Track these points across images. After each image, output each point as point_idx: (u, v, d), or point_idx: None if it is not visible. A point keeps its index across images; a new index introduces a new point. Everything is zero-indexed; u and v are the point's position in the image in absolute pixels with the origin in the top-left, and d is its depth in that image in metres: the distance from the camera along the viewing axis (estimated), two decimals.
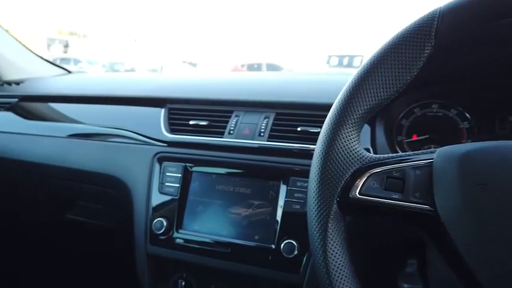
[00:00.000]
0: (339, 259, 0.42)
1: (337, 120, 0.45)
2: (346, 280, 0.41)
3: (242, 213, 0.74)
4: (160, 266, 0.80)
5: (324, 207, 0.43)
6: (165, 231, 0.77)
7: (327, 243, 0.42)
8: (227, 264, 0.72)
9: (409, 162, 0.43)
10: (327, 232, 0.43)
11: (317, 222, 0.43)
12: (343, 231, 0.44)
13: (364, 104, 0.45)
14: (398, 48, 0.45)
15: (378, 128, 0.73)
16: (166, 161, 0.82)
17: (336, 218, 0.43)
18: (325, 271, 0.42)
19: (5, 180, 1.01)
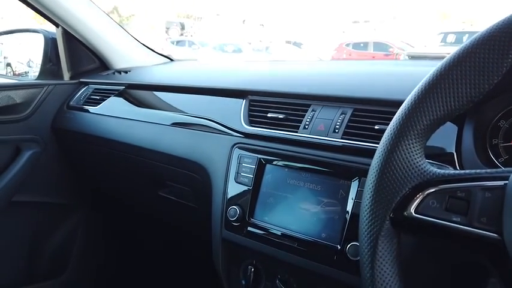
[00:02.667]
0: (386, 278, 0.40)
1: (398, 130, 0.42)
2: None
3: (311, 210, 0.74)
4: (233, 251, 0.84)
5: (375, 222, 0.41)
6: (238, 218, 0.81)
7: (375, 260, 0.41)
8: (292, 257, 0.74)
9: (479, 182, 0.39)
10: (377, 248, 0.41)
11: (367, 237, 0.42)
12: (395, 248, 0.41)
13: (431, 113, 0.41)
14: (476, 53, 0.40)
15: (467, 129, 0.66)
16: (243, 152, 0.85)
17: (387, 234, 0.41)
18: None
19: (110, 159, 1.17)
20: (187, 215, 1.11)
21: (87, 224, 1.40)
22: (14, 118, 1.19)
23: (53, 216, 1.34)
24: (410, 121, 0.41)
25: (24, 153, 1.19)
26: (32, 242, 1.29)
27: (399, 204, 0.41)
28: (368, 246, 0.41)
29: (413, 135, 0.41)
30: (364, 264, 0.41)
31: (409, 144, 0.41)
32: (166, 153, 1.01)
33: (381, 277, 0.40)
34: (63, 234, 1.37)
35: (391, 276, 0.40)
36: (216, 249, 0.86)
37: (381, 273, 0.40)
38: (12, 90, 1.18)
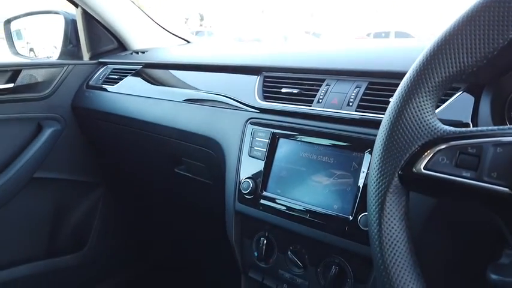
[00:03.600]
0: (394, 233, 0.40)
1: (410, 87, 0.42)
2: (400, 256, 0.40)
3: (323, 182, 0.75)
4: (246, 223, 0.86)
5: (384, 179, 0.41)
6: (251, 191, 0.82)
7: (382, 216, 0.41)
8: (305, 229, 0.74)
9: (491, 138, 0.38)
10: (384, 205, 0.41)
11: (375, 193, 0.42)
12: (403, 206, 0.41)
13: (443, 70, 0.41)
14: (490, 6, 0.39)
15: (484, 100, 0.64)
16: (257, 126, 0.86)
17: (396, 191, 0.41)
18: (378, 244, 0.40)
19: (128, 136, 1.19)
20: (203, 192, 1.12)
21: (107, 201, 1.44)
22: (36, 96, 1.23)
23: (74, 193, 1.38)
24: (422, 78, 0.41)
25: (46, 130, 1.23)
26: (53, 217, 1.33)
27: (408, 161, 0.40)
28: (376, 202, 0.41)
29: (424, 93, 0.41)
30: (372, 221, 0.41)
31: (420, 102, 0.41)
32: (181, 129, 1.03)
33: (388, 232, 0.40)
34: (83, 210, 1.41)
35: (399, 232, 0.40)
36: (229, 222, 0.88)
37: (388, 229, 0.40)
38: (33, 69, 1.22)
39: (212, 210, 1.03)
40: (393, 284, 0.38)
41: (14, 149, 1.19)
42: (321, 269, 0.74)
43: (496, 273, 0.55)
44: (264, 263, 0.82)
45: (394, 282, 0.38)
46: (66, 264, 1.34)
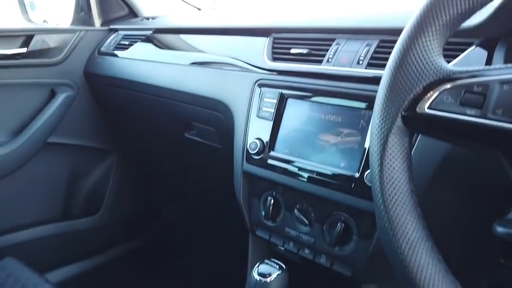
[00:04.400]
0: (395, 174, 0.40)
1: (417, 26, 0.41)
2: (400, 196, 0.40)
3: (331, 141, 0.74)
4: (254, 183, 0.87)
5: (387, 120, 0.41)
6: (259, 151, 0.82)
7: (384, 157, 0.41)
8: (311, 187, 0.75)
9: (497, 76, 0.37)
10: (387, 145, 0.41)
11: (378, 134, 0.41)
12: (406, 147, 0.41)
13: (452, 8, 0.39)
14: None
15: (497, 54, 0.63)
16: (265, 87, 0.85)
17: (398, 132, 0.41)
18: (379, 184, 0.40)
19: (139, 101, 1.20)
20: (213, 157, 1.13)
21: (120, 168, 1.47)
22: (49, 62, 1.24)
23: (87, 159, 1.41)
24: (429, 17, 0.40)
25: (59, 96, 1.25)
26: (68, 182, 1.37)
27: (412, 101, 0.40)
28: (378, 143, 0.41)
29: (431, 32, 0.40)
30: (373, 161, 0.41)
31: (427, 42, 0.40)
32: (190, 92, 1.03)
33: (389, 173, 0.40)
34: (97, 176, 1.44)
35: (400, 173, 0.40)
36: (237, 182, 0.89)
37: (389, 170, 0.40)
38: (45, 34, 1.23)
39: (222, 174, 1.04)
40: (392, 222, 0.39)
41: (28, 113, 1.22)
42: (327, 226, 0.75)
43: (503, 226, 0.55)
44: (271, 222, 0.83)
45: (394, 221, 0.39)
46: (81, 227, 1.38)
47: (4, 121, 1.19)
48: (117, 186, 1.47)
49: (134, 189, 1.55)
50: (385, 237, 0.39)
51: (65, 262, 1.35)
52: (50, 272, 1.28)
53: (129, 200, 1.53)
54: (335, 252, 0.73)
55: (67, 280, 1.33)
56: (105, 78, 1.26)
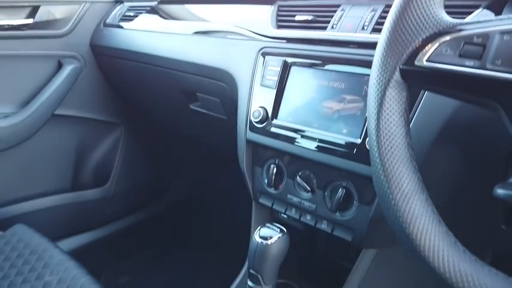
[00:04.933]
0: (392, 128, 0.40)
1: None
2: (396, 149, 0.40)
3: (334, 107, 0.74)
4: (257, 152, 0.87)
5: (385, 73, 0.41)
6: (262, 119, 0.82)
7: (381, 110, 0.40)
8: (314, 154, 0.75)
9: (498, 27, 0.36)
10: (384, 100, 0.40)
11: (376, 88, 0.41)
12: (403, 101, 0.41)
13: None
14: None
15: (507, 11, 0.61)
16: (269, 56, 0.85)
17: (396, 86, 0.40)
18: (375, 138, 0.40)
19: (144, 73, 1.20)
20: (218, 127, 1.14)
21: (127, 141, 1.48)
22: (55, 34, 1.24)
23: (95, 132, 1.42)
24: None
25: (65, 68, 1.25)
26: (76, 154, 1.39)
27: (411, 54, 0.39)
28: (376, 97, 0.41)
29: None
30: (371, 115, 0.41)
31: None
32: (194, 62, 1.03)
33: (386, 127, 0.40)
34: (104, 149, 1.46)
35: (397, 127, 0.40)
36: (240, 151, 0.89)
37: (386, 123, 0.40)
38: (51, 5, 1.23)
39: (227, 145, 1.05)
40: (388, 175, 0.39)
41: (35, 85, 1.23)
42: (328, 192, 0.75)
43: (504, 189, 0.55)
44: (273, 189, 0.84)
45: (389, 173, 0.39)
46: (90, 197, 1.41)
47: (12, 92, 1.20)
48: (125, 159, 1.49)
49: (142, 162, 1.57)
50: (380, 189, 0.40)
51: (74, 232, 1.39)
52: (60, 241, 1.31)
53: (137, 172, 1.55)
54: (336, 217, 0.74)
55: (76, 249, 1.36)
56: (111, 50, 1.26)
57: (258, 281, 0.69)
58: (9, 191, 1.23)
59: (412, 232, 0.36)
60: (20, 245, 0.96)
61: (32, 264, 0.90)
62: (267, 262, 0.68)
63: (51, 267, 0.89)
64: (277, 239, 0.68)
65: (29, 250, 0.94)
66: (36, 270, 0.88)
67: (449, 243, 0.35)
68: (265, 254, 0.67)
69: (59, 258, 0.91)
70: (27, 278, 0.87)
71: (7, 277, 0.88)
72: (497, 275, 0.33)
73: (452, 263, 0.34)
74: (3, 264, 0.92)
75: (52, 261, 0.90)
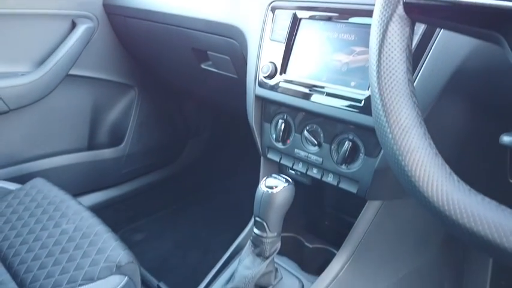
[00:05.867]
0: (393, 63, 0.40)
1: None
2: (397, 85, 0.39)
3: (342, 60, 0.74)
4: (265, 107, 0.88)
5: (388, 8, 0.40)
6: (271, 74, 0.82)
7: (383, 45, 0.40)
8: (322, 107, 0.75)
9: None
10: (386, 34, 0.40)
11: (378, 23, 0.41)
12: (406, 37, 0.40)
13: None
14: None
15: None
16: (279, 10, 0.84)
17: (399, 21, 0.40)
18: (376, 73, 0.40)
19: (156, 33, 1.21)
20: (229, 87, 1.14)
21: (141, 102, 1.51)
22: None
23: (109, 93, 1.45)
24: None
25: (79, 27, 1.26)
26: (91, 115, 1.42)
27: None
28: (378, 32, 0.40)
29: None
30: (372, 50, 0.41)
31: None
32: (205, 19, 1.02)
33: (387, 62, 0.40)
34: (119, 109, 1.49)
35: (398, 63, 0.40)
36: (249, 107, 0.90)
37: (387, 59, 0.40)
38: None
39: (238, 104, 1.06)
40: (387, 109, 0.39)
41: (50, 44, 1.25)
42: (335, 146, 0.76)
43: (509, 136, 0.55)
44: (281, 144, 0.85)
45: (388, 107, 0.39)
46: (106, 156, 1.45)
47: (28, 52, 1.22)
48: (139, 120, 1.52)
49: (156, 124, 1.60)
50: (378, 123, 0.40)
51: (90, 190, 1.44)
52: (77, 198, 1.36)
53: (151, 133, 1.58)
54: (342, 170, 0.75)
55: (93, 206, 1.42)
56: (123, 9, 1.26)
57: (263, 228, 0.71)
58: (27, 148, 1.28)
59: (407, 164, 0.37)
60: (39, 196, 1.01)
61: (49, 213, 0.95)
62: (272, 210, 0.69)
63: (68, 217, 0.93)
64: (282, 188, 0.69)
65: (47, 201, 0.99)
66: (53, 219, 0.93)
67: (444, 174, 0.36)
68: (271, 202, 0.69)
69: (75, 208, 0.96)
70: (46, 226, 0.91)
71: (27, 225, 0.93)
72: (490, 203, 0.33)
73: (445, 192, 0.35)
74: (23, 213, 0.96)
75: (69, 211, 0.95)
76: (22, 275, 0.81)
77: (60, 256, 0.83)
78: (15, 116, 1.21)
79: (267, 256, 0.72)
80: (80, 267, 0.80)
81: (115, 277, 0.78)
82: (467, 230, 0.34)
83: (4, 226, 0.94)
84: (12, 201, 1.01)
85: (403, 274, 0.88)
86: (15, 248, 0.87)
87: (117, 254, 0.81)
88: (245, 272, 0.73)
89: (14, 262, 0.85)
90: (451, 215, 0.34)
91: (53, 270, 0.80)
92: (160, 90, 1.55)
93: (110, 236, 0.87)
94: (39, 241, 0.88)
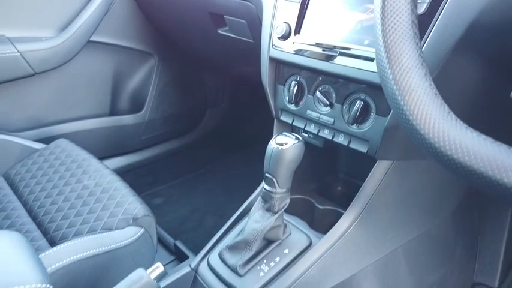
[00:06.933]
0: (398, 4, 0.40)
1: None
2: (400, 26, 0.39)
3: (356, 18, 0.73)
4: (279, 69, 0.88)
5: None
6: (285, 35, 0.82)
7: None
8: (335, 66, 0.75)
9: None
10: None
11: None
12: None
13: None
14: None
15: None
16: None
17: None
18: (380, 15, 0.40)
19: None
20: (245, 52, 1.15)
21: (161, 70, 1.53)
22: None
23: (130, 60, 1.48)
24: None
25: None
26: (113, 81, 1.45)
27: None
28: None
29: None
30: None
31: None
32: None
33: (391, 3, 0.40)
34: (140, 77, 1.52)
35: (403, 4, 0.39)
36: (263, 69, 0.90)
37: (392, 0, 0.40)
38: None
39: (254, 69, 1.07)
40: (389, 50, 0.39)
41: (71, 10, 1.28)
42: (346, 106, 0.76)
43: None
44: (294, 106, 0.86)
45: (390, 48, 0.39)
46: (126, 122, 1.49)
47: (50, 17, 1.26)
48: (159, 88, 1.55)
49: (175, 92, 1.63)
50: (379, 64, 0.40)
51: (112, 154, 1.49)
52: None
53: (170, 101, 1.62)
54: (352, 130, 0.75)
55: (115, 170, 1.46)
56: None
57: (273, 184, 0.72)
58: (52, 111, 1.33)
59: (406, 103, 0.37)
60: (63, 155, 1.06)
61: (72, 170, 0.99)
62: (281, 166, 0.71)
63: (89, 173, 0.97)
64: (292, 145, 0.70)
65: (70, 159, 1.03)
66: (76, 176, 0.98)
67: (442, 113, 0.36)
68: (280, 158, 0.70)
69: (96, 166, 1.00)
70: (68, 182, 0.96)
71: (51, 180, 0.98)
72: (486, 140, 0.34)
73: (442, 129, 0.35)
74: (48, 170, 1.01)
75: (90, 168, 0.99)
76: (46, 225, 0.87)
77: (82, 208, 0.88)
78: (41, 80, 1.26)
79: (276, 211, 0.74)
80: (99, 218, 0.84)
81: (132, 228, 0.82)
82: (462, 166, 0.34)
83: (30, 181, 0.99)
84: (37, 159, 1.06)
85: (413, 237, 0.89)
86: (40, 201, 0.93)
87: (134, 208, 0.85)
88: (254, 225, 0.75)
89: (39, 213, 0.90)
90: (446, 150, 0.35)
91: (75, 221, 0.85)
92: (180, 58, 1.57)
93: (128, 192, 0.91)
94: (62, 195, 0.93)
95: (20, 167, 1.05)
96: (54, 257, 0.68)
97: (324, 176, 1.02)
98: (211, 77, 1.68)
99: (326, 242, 0.77)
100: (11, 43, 1.14)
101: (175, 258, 1.17)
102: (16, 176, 1.03)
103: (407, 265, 0.90)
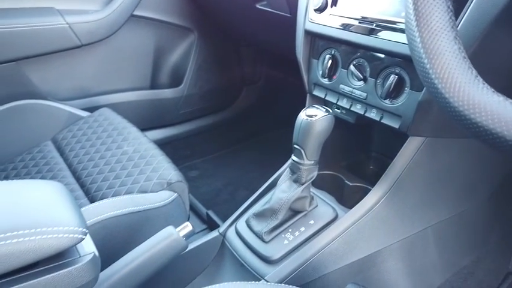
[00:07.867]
0: None
1: None
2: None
3: None
4: (314, 43, 0.88)
5: None
6: (321, 7, 0.82)
7: None
8: (370, 39, 0.74)
9: None
10: None
11: None
12: None
13: None
14: None
15: None
16: None
17: None
18: None
19: None
20: (282, 27, 1.14)
21: (200, 46, 1.56)
22: None
23: (170, 35, 1.51)
24: None
25: None
26: (153, 55, 1.50)
27: None
28: None
29: None
30: None
31: None
32: None
33: None
34: (179, 52, 1.56)
35: None
36: (299, 42, 0.90)
37: None
38: None
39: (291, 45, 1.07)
40: (418, 13, 0.38)
41: None
42: (380, 80, 0.75)
43: None
44: (327, 80, 0.85)
45: (420, 11, 0.38)
46: (165, 96, 1.54)
47: None
48: (197, 64, 1.58)
49: (213, 68, 1.66)
50: (408, 27, 0.40)
51: (151, 126, 1.55)
52: None
53: (208, 77, 1.65)
54: (385, 105, 0.74)
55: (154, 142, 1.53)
56: None
57: (301, 156, 0.73)
58: (97, 83, 1.40)
59: (433, 66, 0.37)
60: (105, 122, 1.12)
61: (113, 137, 1.05)
62: (310, 138, 0.72)
63: (128, 140, 1.03)
64: (321, 117, 0.71)
65: (112, 127, 1.09)
66: (116, 142, 1.03)
67: (469, 77, 0.35)
68: (309, 130, 0.71)
69: (135, 134, 1.05)
70: (109, 147, 1.02)
71: (94, 145, 1.04)
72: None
73: (468, 93, 0.34)
74: (91, 136, 1.08)
75: (130, 136, 1.04)
76: (88, 185, 0.93)
77: (120, 172, 0.93)
78: (86, 52, 1.32)
79: (303, 182, 0.76)
80: (136, 181, 0.89)
81: (165, 192, 0.86)
82: (484, 130, 0.34)
83: (75, 146, 1.06)
84: (82, 125, 1.13)
85: (444, 218, 0.87)
86: (83, 164, 0.99)
87: (169, 173, 0.89)
88: (281, 195, 0.77)
89: (82, 174, 0.96)
90: (469, 114, 0.34)
91: (114, 183, 0.91)
92: (218, 35, 1.59)
93: (163, 159, 0.95)
94: (104, 159, 0.98)
95: (66, 132, 1.12)
96: (93, 212, 0.74)
97: (356, 154, 1.01)
98: (248, 54, 1.69)
99: (352, 216, 0.77)
100: (60, 15, 1.21)
101: (206, 227, 1.22)
102: (63, 141, 1.10)
103: (436, 246, 0.88)
